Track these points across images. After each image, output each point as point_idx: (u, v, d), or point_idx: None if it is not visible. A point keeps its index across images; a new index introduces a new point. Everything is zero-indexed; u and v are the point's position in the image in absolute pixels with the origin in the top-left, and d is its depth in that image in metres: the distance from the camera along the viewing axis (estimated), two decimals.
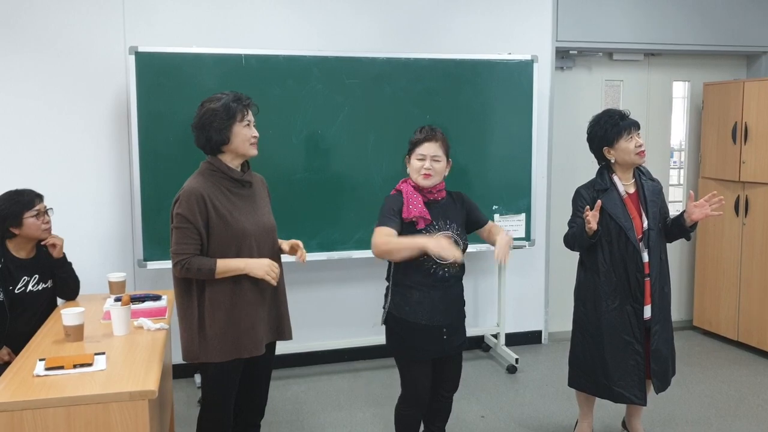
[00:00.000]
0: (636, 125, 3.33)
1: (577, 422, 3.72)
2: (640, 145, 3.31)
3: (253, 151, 2.90)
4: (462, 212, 3.14)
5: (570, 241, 3.39)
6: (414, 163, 3.04)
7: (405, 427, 3.19)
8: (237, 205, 2.86)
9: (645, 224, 3.30)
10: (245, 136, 2.85)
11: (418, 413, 3.18)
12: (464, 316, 3.21)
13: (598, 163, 3.46)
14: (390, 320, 3.10)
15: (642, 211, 3.32)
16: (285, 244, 3.09)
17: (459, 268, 3.08)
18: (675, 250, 5.68)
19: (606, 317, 3.32)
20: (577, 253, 3.48)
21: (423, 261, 2.98)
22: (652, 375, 3.33)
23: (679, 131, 5.89)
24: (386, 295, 3.14)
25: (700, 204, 3.24)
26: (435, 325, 3.03)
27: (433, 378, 3.16)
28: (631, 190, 3.36)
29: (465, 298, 3.19)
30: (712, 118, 5.45)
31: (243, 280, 2.83)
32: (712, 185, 5.34)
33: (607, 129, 3.35)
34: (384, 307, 3.13)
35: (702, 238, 5.57)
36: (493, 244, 3.12)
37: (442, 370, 3.18)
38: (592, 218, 3.18)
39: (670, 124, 5.81)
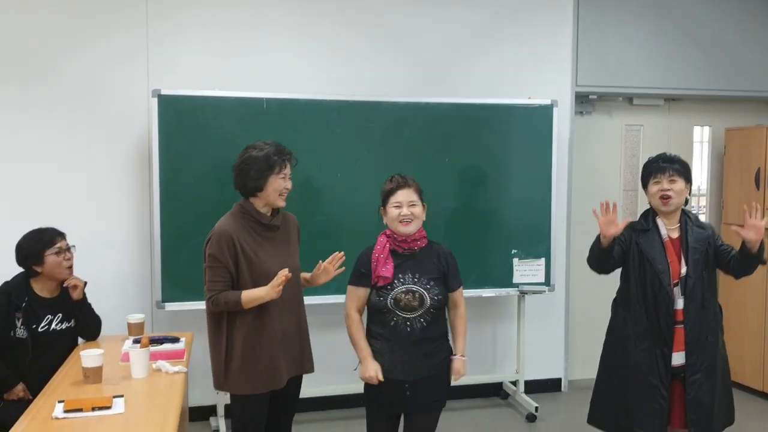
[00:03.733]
0: (664, 170, 3.27)
1: None
2: (664, 190, 3.25)
3: (281, 203, 3.06)
4: (440, 267, 3.08)
5: (589, 254, 3.31)
6: (391, 212, 3.03)
7: None
8: (263, 246, 3.03)
9: (683, 270, 3.23)
10: (278, 187, 3.01)
11: None
12: (439, 374, 3.08)
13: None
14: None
15: (682, 256, 3.26)
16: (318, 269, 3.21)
17: (426, 325, 2.99)
18: None
19: (633, 357, 3.27)
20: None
21: (384, 312, 2.99)
22: (688, 424, 3.25)
23: (699, 176, 5.86)
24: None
25: (748, 225, 3.11)
26: (395, 380, 2.98)
27: None
28: (675, 234, 3.30)
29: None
30: (734, 163, 5.43)
31: (266, 317, 2.98)
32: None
33: (644, 170, 3.37)
34: None
35: (725, 286, 5.48)
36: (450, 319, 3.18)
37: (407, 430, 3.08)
38: (604, 223, 3.11)
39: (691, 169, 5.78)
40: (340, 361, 4.85)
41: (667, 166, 3.28)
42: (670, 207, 3.27)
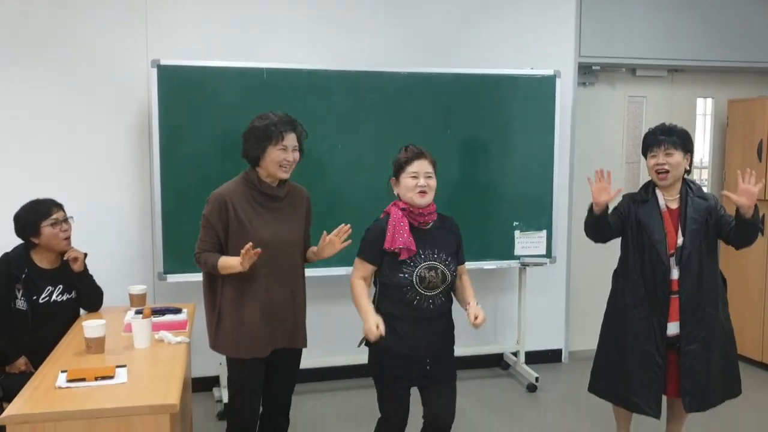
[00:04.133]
0: (660, 143, 3.25)
1: None
2: (659, 165, 3.24)
3: (282, 174, 3.04)
4: (454, 240, 3.06)
5: (584, 223, 3.33)
6: (407, 182, 2.96)
7: None
8: (262, 215, 3.04)
9: (679, 241, 3.22)
10: (276, 158, 2.99)
11: None
12: (451, 346, 3.11)
13: None
14: (372, 344, 2.98)
15: (680, 227, 3.25)
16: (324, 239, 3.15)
17: (445, 300, 3.01)
18: None
19: (631, 326, 3.30)
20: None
21: (407, 290, 2.92)
22: (682, 393, 3.27)
23: (702, 148, 5.83)
24: None
25: (740, 191, 3.09)
26: (418, 356, 2.96)
27: (426, 412, 3.05)
28: (674, 205, 3.29)
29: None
30: (736, 135, 5.39)
31: (252, 284, 3.01)
32: None
33: (643, 142, 3.36)
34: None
35: (725, 257, 5.49)
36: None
37: (433, 401, 3.04)
38: (596, 190, 3.15)
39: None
40: (341, 333, 4.88)
41: (664, 138, 3.25)
42: (667, 182, 3.26)
